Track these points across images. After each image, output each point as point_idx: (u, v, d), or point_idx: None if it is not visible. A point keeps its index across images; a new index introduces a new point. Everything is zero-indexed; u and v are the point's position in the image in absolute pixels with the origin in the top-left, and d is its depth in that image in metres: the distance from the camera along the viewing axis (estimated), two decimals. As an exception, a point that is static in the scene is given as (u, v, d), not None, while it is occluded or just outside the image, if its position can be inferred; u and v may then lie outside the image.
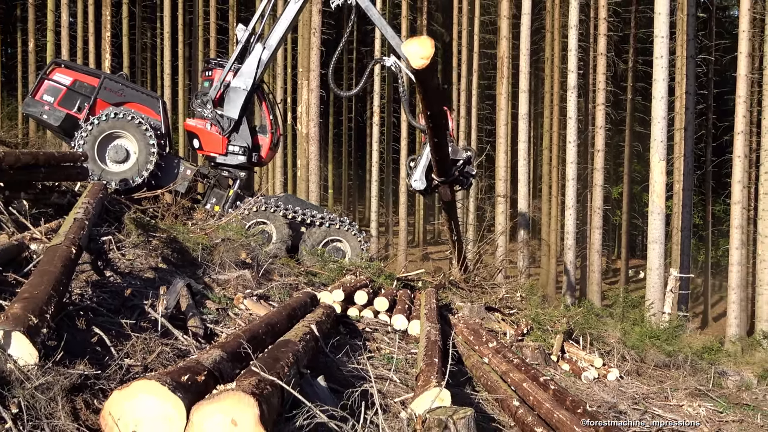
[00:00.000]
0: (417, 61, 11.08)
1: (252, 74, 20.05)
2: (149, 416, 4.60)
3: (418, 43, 11.11)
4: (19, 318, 5.52)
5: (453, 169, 17.19)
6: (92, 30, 49.63)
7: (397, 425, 6.17)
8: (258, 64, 19.96)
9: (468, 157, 17.47)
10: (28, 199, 12.04)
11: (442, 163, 16.54)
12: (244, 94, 20.19)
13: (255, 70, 19.99)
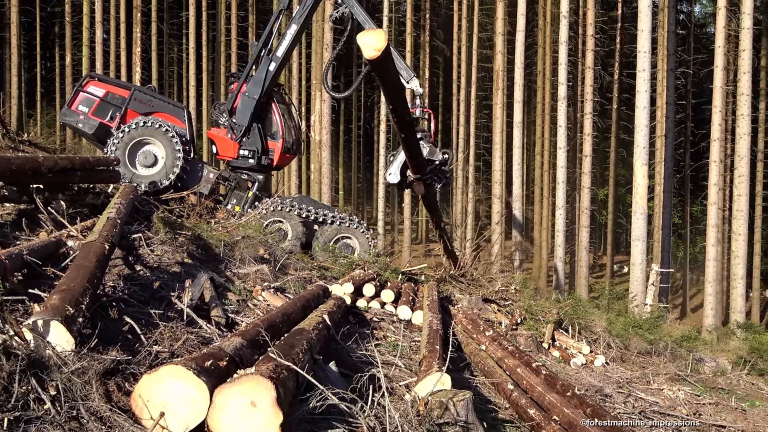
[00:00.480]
0: (369, 52, 10.87)
1: (260, 84, 20.07)
2: (176, 398, 4.60)
3: (372, 35, 10.93)
4: (57, 308, 5.53)
5: (428, 168, 17.13)
6: (124, 46, 49.72)
7: (402, 407, 6.15)
8: (266, 75, 19.97)
9: (444, 159, 17.40)
10: (66, 199, 12.05)
11: (415, 160, 16.46)
12: (253, 103, 20.23)
13: (263, 80, 20.01)
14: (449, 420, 6.60)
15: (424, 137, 17.32)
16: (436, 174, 17.71)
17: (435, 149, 17.15)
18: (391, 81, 12.60)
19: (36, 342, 5.20)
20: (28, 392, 4.58)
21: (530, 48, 49.54)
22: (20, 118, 49.27)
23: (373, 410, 5.70)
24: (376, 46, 10.63)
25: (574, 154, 47.70)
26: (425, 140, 17.16)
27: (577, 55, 47.14)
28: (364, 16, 18.24)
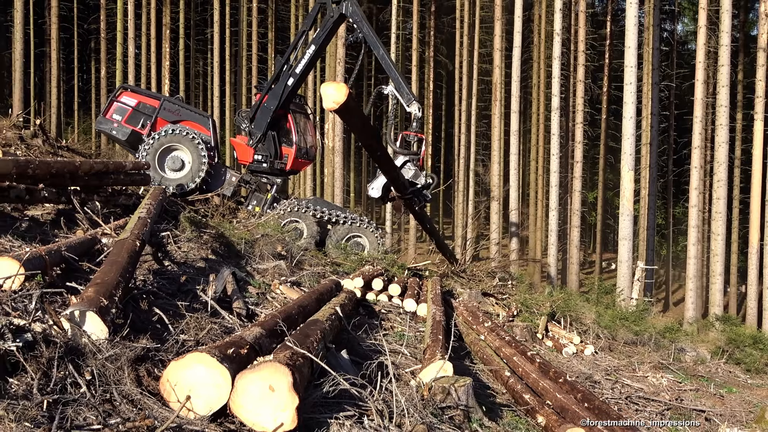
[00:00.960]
0: (329, 104, 10.16)
1: (278, 97, 20.09)
2: (201, 383, 4.61)
3: (335, 87, 10.17)
4: (92, 300, 5.53)
5: (409, 189, 16.89)
6: (154, 60, 49.84)
7: (407, 391, 6.15)
8: (284, 89, 19.97)
9: (427, 184, 17.16)
10: (100, 200, 12.07)
11: (395, 182, 16.22)
12: (270, 114, 20.27)
13: (281, 94, 20.02)
14: (451, 404, 6.61)
15: (412, 160, 17.14)
16: (417, 195, 17.48)
17: (420, 173, 16.88)
18: (356, 126, 12.14)
19: (73, 331, 5.21)
20: (66, 377, 4.58)
21: (526, 63, 49.53)
22: (59, 126, 49.40)
23: (382, 395, 5.70)
24: (336, 99, 9.99)
25: (566, 160, 47.65)
26: (412, 163, 16.99)
27: (569, 70, 47.08)
28: (374, 41, 18.17)
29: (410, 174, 16.75)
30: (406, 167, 16.90)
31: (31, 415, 3.89)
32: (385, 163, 14.48)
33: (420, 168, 17.15)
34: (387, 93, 18.04)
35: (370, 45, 18.15)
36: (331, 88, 9.90)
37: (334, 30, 19.73)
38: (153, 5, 49.84)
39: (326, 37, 19.67)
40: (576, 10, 45.54)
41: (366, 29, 18.09)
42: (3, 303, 5.39)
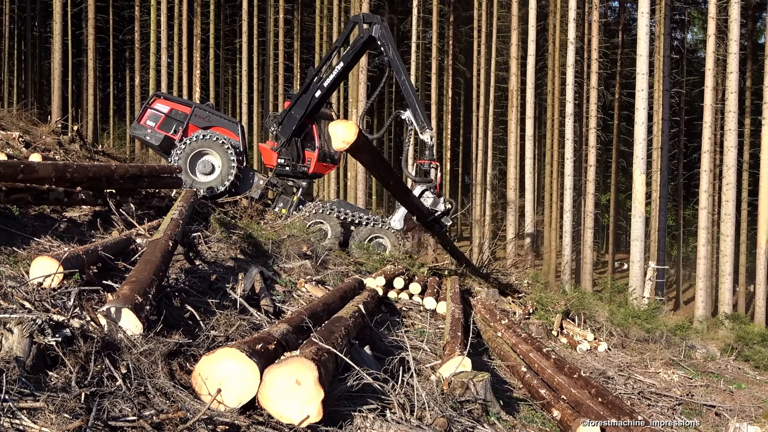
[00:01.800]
0: (338, 143, 8.99)
1: (304, 107, 20.09)
2: (231, 377, 4.62)
3: (344, 126, 9.02)
4: (127, 297, 5.56)
5: (429, 217, 16.64)
6: (185, 69, 50.04)
7: (428, 386, 6.14)
8: (311, 101, 19.95)
9: (447, 209, 16.90)
10: (135, 202, 12.13)
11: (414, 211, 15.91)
12: (295, 122, 20.29)
13: (307, 105, 20.01)
14: (470, 398, 6.60)
15: (430, 188, 16.97)
16: (437, 221, 17.24)
17: (439, 200, 16.66)
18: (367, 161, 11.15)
19: (109, 327, 5.24)
20: (102, 371, 4.61)
21: (541, 70, 49.33)
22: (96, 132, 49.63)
23: (403, 389, 5.70)
24: (346, 138, 8.94)
25: (580, 164, 47.43)
26: (430, 191, 16.82)
27: (583, 77, 46.87)
28: (399, 66, 18.04)
29: (429, 202, 16.56)
30: (425, 196, 16.77)
31: (70, 406, 3.91)
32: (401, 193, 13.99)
33: (438, 195, 16.99)
34: (404, 118, 17.86)
35: (393, 69, 18.07)
36: (340, 127, 8.99)
37: (363, 50, 19.68)
38: (185, 17, 50.06)
39: (354, 56, 19.62)
40: (589, 20, 45.33)
41: (392, 53, 18.00)
42: (43, 300, 5.42)
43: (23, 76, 60.85)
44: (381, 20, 18.29)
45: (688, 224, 55.42)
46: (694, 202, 43.57)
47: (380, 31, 18.07)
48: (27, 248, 7.87)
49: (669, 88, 42.96)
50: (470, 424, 5.96)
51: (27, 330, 4.47)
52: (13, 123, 20.93)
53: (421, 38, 48.61)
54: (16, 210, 9.12)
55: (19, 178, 8.78)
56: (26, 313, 4.84)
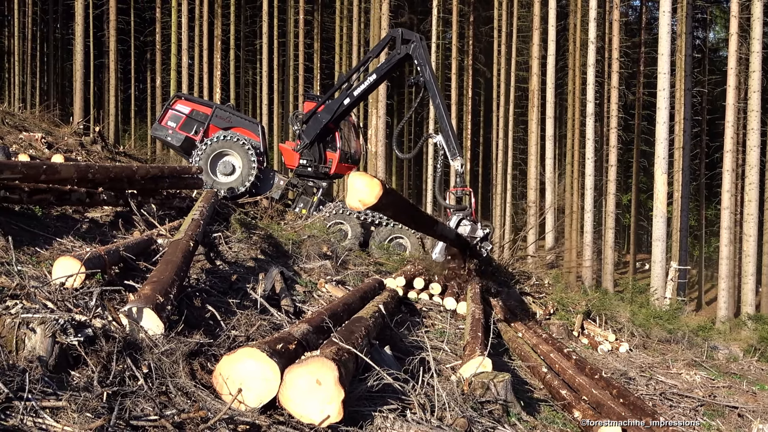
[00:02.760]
0: (353, 201, 6.88)
1: (331, 113, 20.03)
2: (251, 376, 4.63)
3: (366, 182, 6.87)
4: (149, 297, 5.59)
5: (468, 246, 16.50)
6: (206, 70, 50.23)
7: (448, 386, 6.13)
8: (338, 107, 19.88)
9: (486, 234, 16.68)
10: (156, 203, 12.20)
11: (453, 242, 15.65)
12: (320, 126, 20.25)
13: (335, 111, 19.95)
14: (490, 398, 6.58)
15: (466, 216, 16.81)
16: (479, 245, 17.08)
17: (476, 227, 16.42)
18: (393, 214, 9.18)
19: (131, 326, 5.27)
20: (124, 370, 4.64)
21: (562, 70, 49.18)
22: (117, 133, 49.98)
23: (423, 389, 5.69)
24: (364, 198, 6.86)
25: (601, 164, 47.26)
26: (467, 219, 16.69)
27: (604, 77, 46.70)
28: (434, 89, 17.88)
29: (467, 230, 16.41)
30: (462, 224, 16.66)
31: (92, 406, 3.93)
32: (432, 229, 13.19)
33: (474, 221, 16.85)
34: (435, 142, 17.70)
35: (429, 92, 17.94)
36: (361, 181, 6.91)
37: (398, 66, 19.52)
38: (205, 18, 50.26)
39: (388, 71, 19.48)
40: (610, 20, 45.16)
41: (428, 75, 17.83)
42: (65, 300, 5.46)
43: (45, 77, 61.30)
44: (420, 39, 18.13)
45: (710, 224, 55.06)
46: (717, 202, 43.28)
47: (418, 51, 17.94)
48: (49, 248, 7.93)
49: (691, 87, 42.75)
50: (491, 424, 5.95)
51: (49, 330, 4.50)
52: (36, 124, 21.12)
53: (441, 38, 48.56)
54: (39, 210, 9.19)
55: (41, 179, 8.85)
56: (49, 312, 4.87)
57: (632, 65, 51.80)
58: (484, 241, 15.52)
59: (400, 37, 18.35)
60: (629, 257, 56.72)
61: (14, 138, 16.17)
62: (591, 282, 37.39)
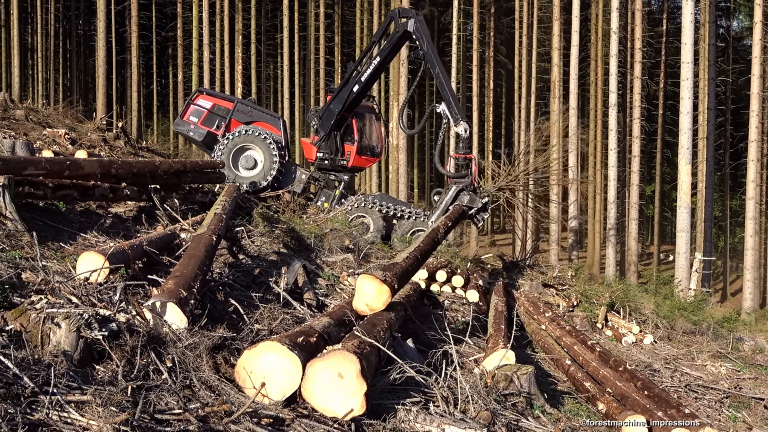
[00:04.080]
0: (359, 305, 6.68)
1: (342, 102, 20.10)
2: (274, 370, 4.64)
3: (376, 288, 6.64)
4: (172, 291, 5.62)
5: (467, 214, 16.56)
6: (227, 64, 50.35)
7: (471, 379, 6.13)
8: (349, 95, 19.93)
9: (484, 205, 16.72)
10: (178, 198, 12.25)
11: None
12: (334, 116, 20.32)
13: (346, 98, 20.01)
14: (514, 391, 6.57)
15: (466, 186, 16.84)
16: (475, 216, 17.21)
17: (475, 197, 16.43)
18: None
19: (155, 321, 5.30)
20: (148, 364, 4.67)
21: (584, 61, 48.87)
22: (139, 128, 50.23)
23: (446, 382, 5.69)
24: (371, 302, 6.65)
25: (624, 155, 46.99)
26: (466, 190, 16.72)
27: (626, 67, 46.36)
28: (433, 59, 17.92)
29: (466, 200, 16.43)
30: (461, 195, 16.67)
31: (117, 400, 3.96)
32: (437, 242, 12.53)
33: (474, 190, 16.82)
34: (439, 112, 17.69)
35: (428, 62, 18.01)
36: (369, 286, 6.65)
37: (399, 44, 19.59)
38: (226, 13, 50.36)
39: (391, 50, 19.56)
40: (632, 9, 44.79)
41: (426, 47, 17.93)
42: (90, 295, 5.50)
43: (68, 74, 61.69)
44: (416, 14, 18.23)
45: (734, 215, 54.59)
46: (741, 192, 42.94)
47: (415, 26, 18.02)
48: (74, 243, 7.98)
49: (715, 76, 42.38)
50: (514, 417, 5.93)
51: (74, 324, 4.54)
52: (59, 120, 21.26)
53: (461, 30, 48.39)
54: (63, 206, 9.26)
55: (65, 175, 8.92)
56: (73, 307, 4.91)
57: (655, 55, 51.42)
58: (482, 211, 15.49)
59: (398, 16, 18.49)
60: (653, 248, 56.35)
61: (38, 134, 16.29)
62: (614, 273, 37.19)
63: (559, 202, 41.01)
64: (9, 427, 3.36)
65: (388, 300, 6.76)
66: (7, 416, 3.46)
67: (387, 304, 6.76)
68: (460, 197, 16.72)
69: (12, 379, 3.82)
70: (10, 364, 3.94)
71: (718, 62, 45.85)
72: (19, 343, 4.34)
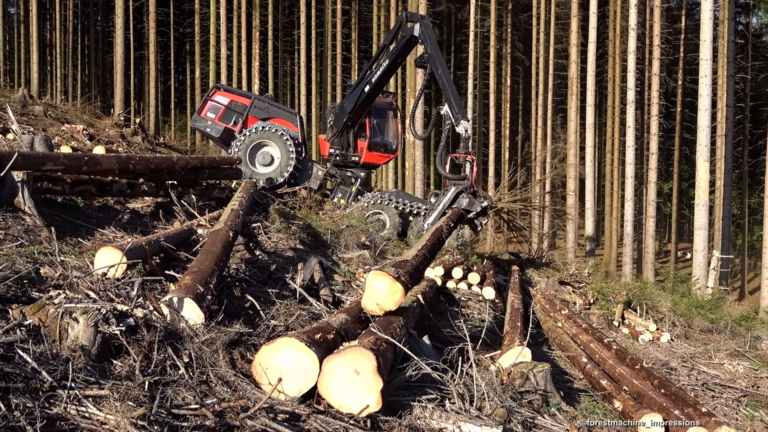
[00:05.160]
0: (369, 303, 6.11)
1: (354, 101, 20.22)
2: (290, 366, 4.65)
3: (388, 286, 6.08)
4: (189, 287, 5.64)
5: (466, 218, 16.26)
6: (245, 61, 50.49)
7: (487, 376, 6.11)
8: (360, 95, 20.02)
9: (483, 209, 16.34)
10: (196, 193, 12.29)
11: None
12: (346, 114, 20.47)
13: (357, 98, 20.10)
14: (530, 388, 6.56)
15: (465, 188, 16.53)
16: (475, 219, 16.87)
17: (474, 200, 16.07)
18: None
19: (172, 316, 5.31)
20: (165, 359, 4.68)
21: (601, 57, 48.69)
22: (157, 124, 50.49)
23: (462, 379, 5.68)
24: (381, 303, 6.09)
25: (642, 152, 46.80)
26: (465, 193, 16.44)
27: (644, 64, 46.19)
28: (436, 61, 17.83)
29: (465, 203, 16.13)
30: (460, 197, 16.42)
31: (134, 394, 3.98)
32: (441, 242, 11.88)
33: (473, 193, 16.53)
34: (443, 114, 17.46)
35: (431, 63, 17.99)
36: (382, 284, 6.11)
37: (407, 48, 19.57)
38: (243, 9, 50.50)
39: (399, 53, 19.54)
40: (651, 6, 44.60)
41: (431, 49, 17.93)
42: (107, 290, 5.53)
43: (87, 70, 62.07)
44: (421, 18, 18.31)
45: (753, 212, 54.32)
46: (760, 189, 42.77)
47: (420, 29, 18.07)
48: (91, 239, 8.02)
49: (733, 73, 42.15)
50: (530, 414, 5.92)
51: (92, 319, 4.56)
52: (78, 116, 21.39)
53: (479, 26, 48.34)
54: (81, 201, 9.31)
55: (83, 171, 8.96)
56: (91, 302, 4.93)
57: (673, 52, 51.15)
58: (482, 215, 15.25)
59: (404, 20, 18.57)
60: (670, 246, 56.13)
61: (56, 130, 16.38)
62: (631, 271, 37.07)
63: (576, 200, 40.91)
64: (28, 420, 3.38)
65: (401, 300, 6.16)
66: (25, 410, 3.48)
67: (399, 304, 6.17)
68: (459, 200, 16.48)
69: (30, 374, 3.85)
70: (28, 358, 3.97)
71: (737, 59, 45.60)
72: (37, 337, 4.37)
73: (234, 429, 4.03)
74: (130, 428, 3.59)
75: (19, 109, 17.20)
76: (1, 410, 3.37)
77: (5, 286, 5.25)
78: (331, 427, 4.37)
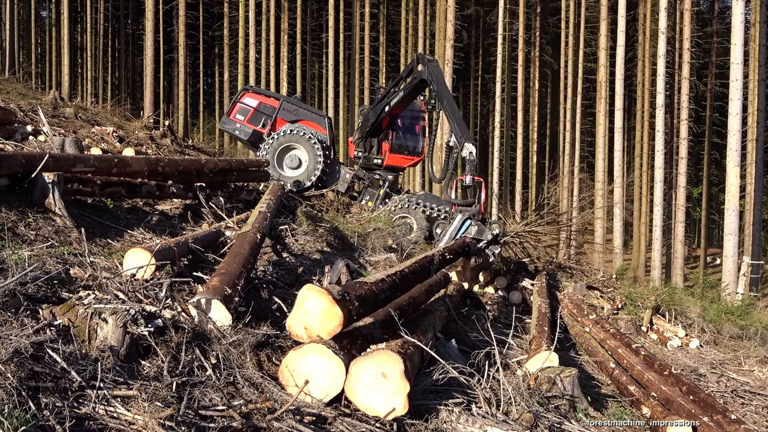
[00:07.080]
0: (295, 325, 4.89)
1: (376, 115, 20.44)
2: (317, 370, 4.65)
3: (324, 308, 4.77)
4: (217, 289, 5.66)
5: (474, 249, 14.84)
6: (273, 63, 50.71)
7: (514, 381, 6.09)
8: (381, 111, 20.14)
9: (495, 236, 14.97)
10: (224, 196, 12.35)
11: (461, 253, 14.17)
12: (369, 124, 20.91)
13: (378, 114, 20.30)
14: (557, 393, 6.52)
15: (473, 214, 15.19)
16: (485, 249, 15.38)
17: (484, 227, 14.53)
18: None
19: (199, 317, 5.34)
20: (193, 360, 4.71)
21: (631, 61, 48.38)
22: (186, 127, 50.77)
23: (489, 383, 5.66)
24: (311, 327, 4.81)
25: (671, 157, 46.42)
26: (473, 220, 15.15)
27: (674, 67, 45.83)
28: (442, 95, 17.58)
29: (473, 231, 14.84)
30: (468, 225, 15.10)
31: (162, 395, 4.00)
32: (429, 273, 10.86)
33: (482, 220, 15.22)
34: (452, 145, 16.61)
35: (437, 100, 17.83)
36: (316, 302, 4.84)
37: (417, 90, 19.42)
38: (272, 13, 50.72)
39: (410, 92, 19.37)
40: (681, 9, 44.24)
41: (437, 88, 17.81)
42: (136, 291, 5.56)
43: (117, 72, 62.61)
44: (429, 61, 18.19)
45: (785, 218, 53.76)
46: (791, 195, 42.26)
47: (427, 73, 18.04)
48: (121, 240, 8.08)
49: (765, 77, 41.68)
50: (557, 419, 5.89)
51: (121, 320, 4.59)
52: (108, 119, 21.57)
53: (507, 30, 48.23)
54: (111, 203, 9.39)
55: (113, 172, 9.04)
56: (120, 303, 4.97)
57: (704, 55, 50.74)
58: (494, 243, 13.99)
59: (416, 63, 18.67)
60: (700, 251, 55.64)
61: (87, 132, 16.52)
62: (660, 276, 36.76)
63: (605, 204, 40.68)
64: (57, 420, 3.41)
65: (338, 330, 4.80)
66: (55, 409, 3.51)
67: (334, 335, 4.83)
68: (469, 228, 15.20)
69: (60, 373, 3.88)
70: (58, 358, 4.00)
71: (769, 63, 45.15)
72: (67, 337, 4.41)
73: (260, 430, 4.04)
74: (158, 428, 3.61)
75: (50, 111, 17.38)
76: (30, 409, 3.40)
77: (36, 287, 5.30)
78: (357, 430, 4.37)
